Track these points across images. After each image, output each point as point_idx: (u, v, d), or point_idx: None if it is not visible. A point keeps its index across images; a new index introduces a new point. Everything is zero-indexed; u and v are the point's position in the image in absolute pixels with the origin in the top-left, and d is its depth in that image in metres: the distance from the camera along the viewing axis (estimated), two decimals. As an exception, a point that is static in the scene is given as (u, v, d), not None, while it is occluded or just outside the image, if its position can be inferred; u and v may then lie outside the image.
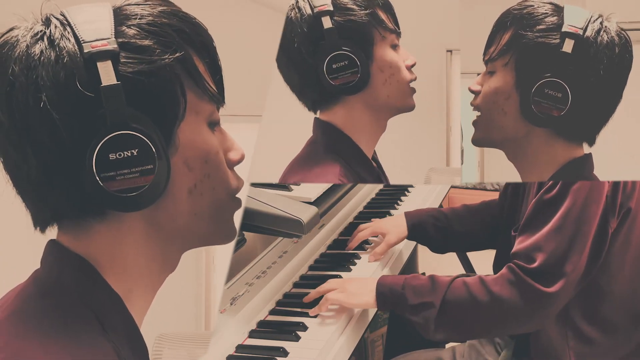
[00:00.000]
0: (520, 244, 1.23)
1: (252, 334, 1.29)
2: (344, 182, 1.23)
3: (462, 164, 1.92)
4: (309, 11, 1.20)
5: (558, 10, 1.15)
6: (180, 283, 3.67)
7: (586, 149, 1.22)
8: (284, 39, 1.23)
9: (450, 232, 1.61)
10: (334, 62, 1.19)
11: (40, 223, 0.69)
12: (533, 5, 1.16)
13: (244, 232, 1.46)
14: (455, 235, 1.61)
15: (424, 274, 2.37)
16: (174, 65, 0.66)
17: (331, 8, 1.19)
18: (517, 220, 1.37)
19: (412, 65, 1.28)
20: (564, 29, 1.12)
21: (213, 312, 3.67)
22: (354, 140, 1.27)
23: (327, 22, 1.18)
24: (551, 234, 1.19)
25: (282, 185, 1.44)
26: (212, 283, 3.71)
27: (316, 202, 1.38)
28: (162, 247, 0.71)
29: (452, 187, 2.36)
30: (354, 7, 1.20)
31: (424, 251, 1.73)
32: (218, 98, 0.73)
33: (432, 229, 1.60)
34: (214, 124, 0.73)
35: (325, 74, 1.20)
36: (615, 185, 1.18)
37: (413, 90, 1.29)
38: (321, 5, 1.19)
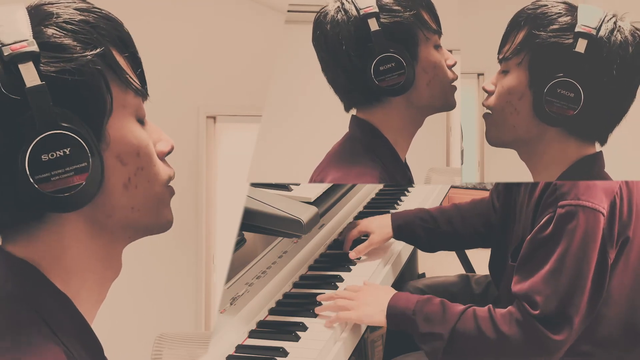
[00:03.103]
0: (518, 283, 1.23)
1: (252, 334, 1.29)
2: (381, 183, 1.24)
3: (462, 164, 1.91)
4: (355, 13, 1.18)
5: (572, 9, 1.15)
6: (180, 283, 3.67)
7: (598, 147, 1.22)
8: (327, 42, 1.22)
9: (438, 232, 1.61)
10: (381, 64, 1.18)
11: None
12: (547, 5, 1.16)
13: (244, 232, 1.46)
14: (443, 235, 1.62)
15: (423, 274, 2.37)
16: (96, 61, 0.66)
17: (377, 10, 1.18)
18: (512, 226, 1.36)
19: (453, 65, 1.28)
20: (577, 29, 1.11)
21: (213, 312, 3.66)
22: (391, 140, 1.27)
23: (373, 24, 1.17)
24: (547, 277, 1.18)
25: (282, 185, 1.44)
26: (212, 283, 3.71)
27: (316, 202, 1.38)
28: (105, 246, 0.71)
29: (452, 187, 2.36)
30: (399, 8, 1.19)
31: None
32: (142, 91, 0.73)
33: (419, 230, 1.61)
34: (141, 118, 0.73)
35: (372, 76, 1.19)
36: (611, 217, 1.17)
37: (454, 89, 1.29)
38: (367, 7, 1.18)
